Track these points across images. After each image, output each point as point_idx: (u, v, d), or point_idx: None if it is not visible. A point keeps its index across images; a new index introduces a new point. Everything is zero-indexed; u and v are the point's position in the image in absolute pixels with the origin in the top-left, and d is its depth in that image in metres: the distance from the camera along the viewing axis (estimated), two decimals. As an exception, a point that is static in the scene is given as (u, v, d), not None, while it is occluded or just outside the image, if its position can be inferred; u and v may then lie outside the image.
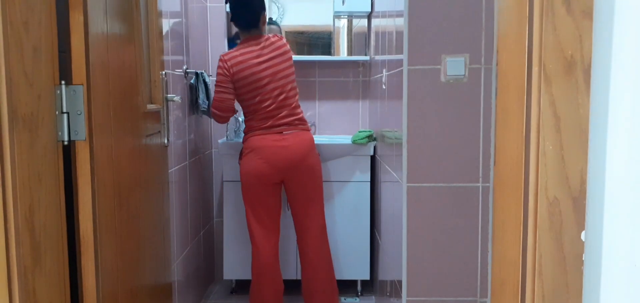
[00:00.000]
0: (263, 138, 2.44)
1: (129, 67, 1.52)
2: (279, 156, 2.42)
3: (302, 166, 2.46)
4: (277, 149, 2.42)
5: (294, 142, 2.44)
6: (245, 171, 2.47)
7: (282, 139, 2.44)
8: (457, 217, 1.70)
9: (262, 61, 2.44)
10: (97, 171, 1.26)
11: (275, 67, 2.45)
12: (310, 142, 2.50)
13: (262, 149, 2.43)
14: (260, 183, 2.45)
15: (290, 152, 2.43)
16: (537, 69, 0.91)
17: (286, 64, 2.49)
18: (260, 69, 2.43)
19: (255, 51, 2.45)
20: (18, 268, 0.96)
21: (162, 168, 1.87)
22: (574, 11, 0.88)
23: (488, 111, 1.66)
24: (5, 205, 0.94)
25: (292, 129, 2.46)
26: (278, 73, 2.45)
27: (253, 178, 2.45)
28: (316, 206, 2.55)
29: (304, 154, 2.45)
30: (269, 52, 2.46)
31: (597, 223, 0.92)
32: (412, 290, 1.73)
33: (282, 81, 2.46)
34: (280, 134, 2.44)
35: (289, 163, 2.43)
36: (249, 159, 2.46)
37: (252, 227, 2.52)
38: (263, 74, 2.43)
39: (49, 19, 1.10)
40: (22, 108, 0.99)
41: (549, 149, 0.90)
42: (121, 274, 1.43)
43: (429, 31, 1.65)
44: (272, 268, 2.53)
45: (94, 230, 1.25)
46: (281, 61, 2.47)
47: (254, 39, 2.48)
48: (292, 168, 2.45)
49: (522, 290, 0.97)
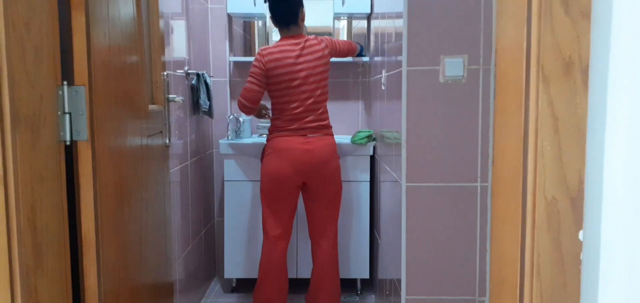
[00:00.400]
0: (288, 140, 2.45)
1: (131, 68, 1.53)
2: (303, 159, 2.43)
3: (325, 170, 2.47)
4: (301, 152, 2.43)
5: (317, 146, 2.45)
6: (267, 171, 2.47)
7: (306, 143, 2.44)
8: (456, 217, 1.70)
9: (298, 63, 2.44)
10: (99, 171, 1.27)
11: (309, 70, 2.45)
12: (333, 146, 2.51)
13: (287, 151, 2.43)
14: (281, 184, 2.46)
15: (314, 156, 2.44)
16: (535, 69, 0.91)
17: (321, 68, 2.48)
18: (295, 69, 2.44)
19: (294, 50, 2.45)
20: (20, 268, 0.97)
21: (163, 168, 1.87)
22: (572, 12, 0.89)
23: (486, 111, 1.66)
24: (8, 205, 0.95)
25: (316, 133, 2.47)
26: (311, 76, 2.45)
27: (275, 179, 2.45)
28: (334, 212, 2.57)
29: (327, 158, 2.47)
30: (306, 56, 2.46)
31: (595, 223, 0.92)
32: (411, 288, 1.74)
33: (314, 85, 2.46)
34: (305, 137, 2.45)
35: (312, 166, 2.44)
36: (272, 159, 2.46)
37: (267, 226, 2.53)
38: (296, 75, 2.44)
39: (50, 19, 1.10)
40: (24, 109, 0.99)
41: (547, 150, 0.90)
42: (123, 273, 1.43)
43: (428, 32, 1.65)
44: (281, 268, 2.55)
45: (95, 229, 1.25)
46: (316, 65, 2.47)
47: (294, 38, 2.49)
48: (314, 172, 2.46)
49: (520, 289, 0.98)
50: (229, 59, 3.17)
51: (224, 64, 3.17)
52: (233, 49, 3.23)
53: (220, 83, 3.18)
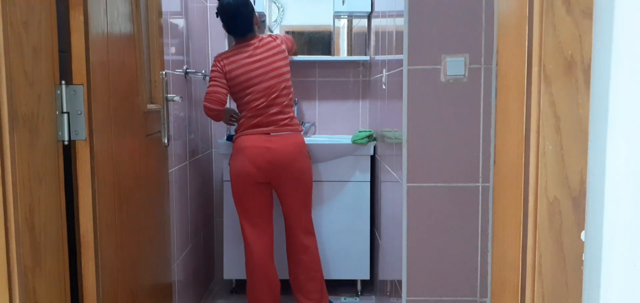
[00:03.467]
0: (249, 138, 2.46)
1: (129, 67, 1.52)
2: (264, 157, 2.43)
3: (289, 170, 2.47)
4: (262, 150, 2.43)
5: (280, 145, 2.45)
6: (232, 171, 2.50)
7: (268, 141, 2.45)
8: (457, 217, 1.70)
9: (255, 60, 2.47)
10: (98, 171, 1.27)
11: (268, 66, 2.48)
12: (298, 145, 2.50)
13: (248, 149, 2.44)
14: (245, 182, 2.46)
15: (275, 155, 2.44)
16: (537, 69, 0.91)
17: (280, 62, 2.51)
18: (253, 67, 2.46)
19: (248, 50, 2.49)
20: (18, 268, 0.96)
21: (162, 168, 1.87)
22: (573, 11, 0.88)
23: (488, 111, 1.66)
24: (6, 205, 0.94)
25: (280, 131, 2.47)
26: (270, 72, 2.47)
27: (239, 178, 2.47)
28: (302, 210, 2.57)
29: (290, 158, 2.46)
30: (262, 52, 2.49)
31: (596, 223, 0.92)
32: (412, 289, 1.73)
33: (275, 80, 2.48)
34: (267, 136, 2.46)
35: (273, 165, 2.44)
36: (236, 159, 2.49)
37: (243, 227, 2.54)
38: (255, 73, 2.46)
39: (49, 18, 1.10)
40: (22, 108, 0.99)
41: (549, 149, 0.90)
42: (121, 274, 1.43)
43: (429, 31, 1.65)
44: (266, 267, 2.54)
45: (94, 229, 1.25)
46: (274, 61, 2.49)
47: (248, 39, 2.52)
48: (277, 171, 2.46)
49: (522, 290, 0.97)
50: (228, 58, 3.16)
51: (223, 64, 3.16)
52: (233, 48, 3.22)
53: (220, 83, 3.17)
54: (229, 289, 3.05)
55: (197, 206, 2.81)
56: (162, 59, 1.83)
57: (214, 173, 3.22)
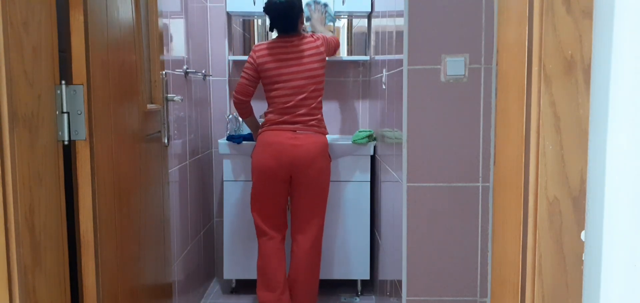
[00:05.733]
0: (276, 134, 2.48)
1: (129, 67, 1.52)
2: (289, 153, 2.45)
3: (311, 169, 2.47)
4: (288, 147, 2.45)
5: (306, 142, 2.46)
6: (254, 165, 2.51)
7: (294, 138, 2.47)
8: (457, 217, 1.70)
9: (289, 58, 2.50)
10: (97, 170, 1.26)
11: (302, 66, 2.49)
12: (322, 145, 2.51)
13: (273, 145, 2.46)
14: (268, 178, 2.48)
15: (301, 151, 2.45)
16: (537, 69, 0.91)
17: (316, 64, 2.51)
18: (285, 64, 2.49)
19: (286, 46, 2.52)
20: (18, 268, 0.96)
21: (162, 168, 1.87)
22: (573, 11, 0.88)
23: (488, 111, 1.66)
24: (6, 205, 0.94)
25: (307, 130, 2.49)
26: (302, 72, 2.49)
27: (261, 173, 2.48)
28: (317, 212, 2.57)
29: (314, 156, 2.47)
30: (298, 50, 2.51)
31: (597, 223, 0.92)
32: (412, 289, 1.73)
33: (305, 81, 2.49)
34: (294, 133, 2.48)
35: (298, 161, 2.45)
36: (259, 153, 2.50)
37: (257, 221, 2.56)
38: (286, 70, 2.49)
39: (49, 18, 1.10)
40: (22, 108, 0.99)
41: (549, 149, 0.90)
42: (121, 273, 1.43)
43: (429, 31, 1.65)
44: (278, 263, 2.55)
45: (94, 229, 1.25)
46: (310, 61, 2.51)
47: (289, 36, 2.54)
48: (300, 167, 2.47)
49: (522, 290, 0.97)
50: (228, 58, 3.16)
51: (223, 63, 3.16)
52: (232, 47, 3.22)
53: (220, 82, 3.17)
54: (229, 289, 3.05)
55: (197, 206, 2.81)
56: (161, 59, 1.83)
57: (214, 173, 3.22)
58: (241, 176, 2.85)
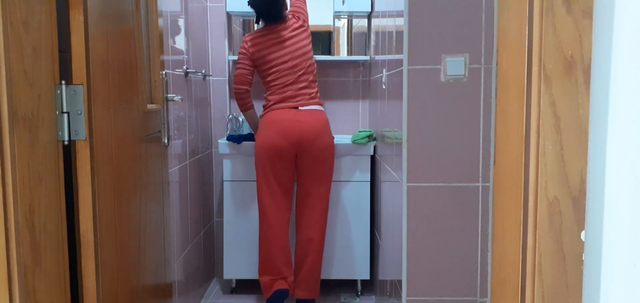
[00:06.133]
0: (278, 112, 2.55)
1: (129, 67, 1.52)
2: (295, 130, 2.50)
3: (317, 143, 2.53)
4: (293, 123, 2.51)
5: (309, 119, 2.53)
6: (260, 144, 2.54)
7: (297, 114, 2.54)
8: (457, 217, 1.70)
9: (281, 41, 2.60)
10: (97, 171, 1.26)
11: (293, 45, 2.60)
12: (325, 121, 2.59)
13: (278, 122, 2.52)
14: (274, 154, 2.52)
15: (306, 127, 2.51)
16: (537, 69, 0.91)
17: (304, 42, 2.63)
18: (278, 48, 2.59)
19: (275, 31, 2.61)
20: (18, 268, 0.96)
21: (162, 168, 1.87)
22: (573, 11, 0.88)
23: (488, 111, 1.66)
24: (6, 205, 0.94)
25: (309, 105, 2.57)
26: (296, 51, 2.60)
27: (267, 150, 2.52)
28: (324, 187, 2.62)
29: (319, 131, 2.53)
30: (286, 32, 2.61)
31: (597, 223, 0.92)
32: (412, 289, 1.73)
33: (300, 58, 2.60)
34: (296, 110, 2.55)
35: (304, 137, 2.50)
36: (264, 132, 2.54)
37: (264, 199, 2.58)
38: (280, 52, 2.58)
39: (49, 18, 1.10)
40: (22, 108, 0.99)
41: (549, 149, 0.90)
42: (121, 273, 1.43)
43: (429, 31, 1.65)
44: (283, 242, 2.58)
45: (94, 229, 1.25)
46: (299, 40, 2.62)
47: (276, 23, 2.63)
48: (306, 143, 2.51)
49: (522, 290, 0.97)
50: (228, 58, 3.16)
51: (223, 63, 3.16)
52: (232, 47, 3.22)
53: (220, 82, 3.17)
54: (229, 289, 3.05)
55: (197, 206, 2.81)
56: (162, 59, 1.83)
57: (214, 173, 3.22)
58: (241, 176, 2.85)
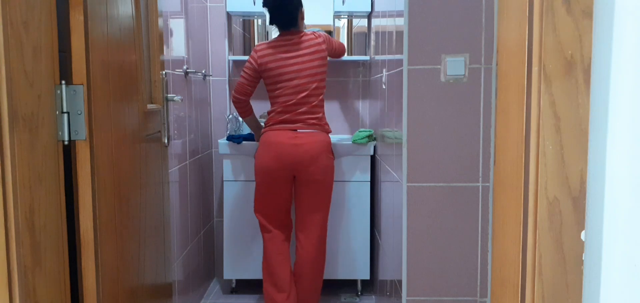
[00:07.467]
0: (277, 134, 2.48)
1: (129, 67, 1.52)
2: (290, 152, 2.45)
3: (313, 166, 2.47)
4: (289, 147, 2.45)
5: (307, 141, 2.46)
6: (257, 166, 2.52)
7: (295, 137, 2.47)
8: (457, 217, 1.70)
9: (291, 57, 2.49)
10: (98, 171, 1.26)
11: (303, 64, 2.49)
12: (325, 144, 2.51)
13: (274, 145, 2.47)
14: (270, 178, 2.49)
15: (302, 151, 2.45)
16: (537, 69, 0.91)
17: (317, 62, 2.51)
18: (287, 63, 2.48)
19: (287, 45, 2.51)
20: (18, 268, 0.96)
21: (162, 168, 1.87)
22: (574, 11, 0.88)
23: (488, 111, 1.66)
24: (6, 205, 0.94)
25: (308, 129, 2.49)
26: (304, 70, 2.48)
27: (264, 174, 2.50)
28: (319, 215, 2.57)
29: (316, 154, 2.47)
30: (299, 48, 2.50)
31: (597, 223, 0.92)
32: (412, 289, 1.73)
33: (307, 79, 2.48)
34: (294, 132, 2.48)
35: (300, 161, 2.45)
36: (261, 154, 2.51)
37: (262, 221, 2.58)
38: (288, 69, 2.48)
39: (49, 18, 1.10)
40: (22, 108, 0.99)
41: (549, 149, 0.90)
42: (121, 274, 1.43)
43: (429, 31, 1.65)
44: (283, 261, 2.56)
45: (94, 229, 1.25)
46: (312, 59, 2.50)
47: (290, 34, 2.53)
48: (302, 166, 2.47)
49: (522, 290, 0.97)
50: (228, 58, 3.16)
51: (223, 63, 3.16)
52: (232, 47, 3.22)
53: (220, 82, 3.17)
54: (229, 289, 3.05)
55: (197, 206, 2.81)
56: (162, 59, 1.83)
57: (214, 173, 3.22)
58: (241, 176, 2.85)
